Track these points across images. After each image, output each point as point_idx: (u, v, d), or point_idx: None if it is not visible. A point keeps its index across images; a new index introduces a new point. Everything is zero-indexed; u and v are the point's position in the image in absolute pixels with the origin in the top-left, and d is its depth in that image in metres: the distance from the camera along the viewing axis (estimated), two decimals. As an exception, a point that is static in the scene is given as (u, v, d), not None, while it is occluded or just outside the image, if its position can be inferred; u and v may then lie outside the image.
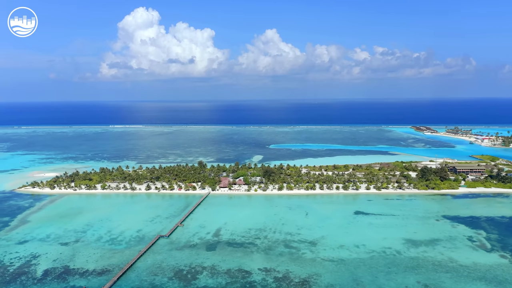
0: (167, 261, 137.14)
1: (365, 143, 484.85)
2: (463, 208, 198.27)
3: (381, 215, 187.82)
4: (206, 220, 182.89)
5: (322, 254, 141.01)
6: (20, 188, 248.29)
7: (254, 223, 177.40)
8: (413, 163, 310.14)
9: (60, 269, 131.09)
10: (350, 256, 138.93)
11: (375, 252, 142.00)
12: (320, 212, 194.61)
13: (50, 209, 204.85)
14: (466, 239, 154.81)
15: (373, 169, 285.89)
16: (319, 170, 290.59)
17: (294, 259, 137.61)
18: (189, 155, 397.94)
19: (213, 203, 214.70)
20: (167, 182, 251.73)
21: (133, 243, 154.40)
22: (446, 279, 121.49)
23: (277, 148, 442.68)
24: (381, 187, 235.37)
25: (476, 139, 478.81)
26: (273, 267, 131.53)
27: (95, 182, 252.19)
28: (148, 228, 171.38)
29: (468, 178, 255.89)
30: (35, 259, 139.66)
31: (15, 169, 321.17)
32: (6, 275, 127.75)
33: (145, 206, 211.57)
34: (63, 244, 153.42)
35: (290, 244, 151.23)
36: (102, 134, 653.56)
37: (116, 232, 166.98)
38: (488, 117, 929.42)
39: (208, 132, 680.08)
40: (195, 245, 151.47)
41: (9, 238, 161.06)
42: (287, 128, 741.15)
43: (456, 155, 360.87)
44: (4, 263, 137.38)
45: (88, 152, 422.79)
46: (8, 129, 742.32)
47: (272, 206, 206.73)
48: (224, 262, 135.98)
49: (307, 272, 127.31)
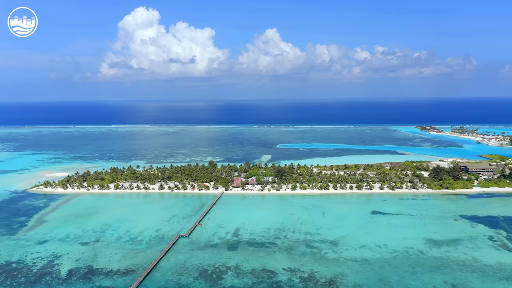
0: (190, 261, 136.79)
1: (371, 142, 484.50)
2: (480, 208, 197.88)
3: (398, 214, 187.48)
4: (224, 220, 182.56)
5: (345, 254, 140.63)
6: (33, 188, 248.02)
7: (272, 223, 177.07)
8: (423, 163, 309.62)
9: (84, 269, 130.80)
10: (373, 256, 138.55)
11: (397, 252, 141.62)
12: (337, 211, 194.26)
13: (65, 209, 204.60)
14: (487, 239, 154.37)
15: (385, 168, 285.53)
16: (330, 169, 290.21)
17: (317, 259, 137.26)
18: (197, 154, 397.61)
19: (228, 203, 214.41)
20: (179, 182, 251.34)
21: (153, 242, 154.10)
22: (473, 279, 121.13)
23: (284, 148, 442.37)
24: (394, 186, 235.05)
25: (483, 139, 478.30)
26: (297, 267, 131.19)
27: (108, 182, 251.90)
28: (167, 228, 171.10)
29: (480, 178, 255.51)
30: (58, 259, 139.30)
31: (24, 169, 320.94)
32: (31, 275, 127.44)
33: (160, 206, 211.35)
34: (83, 244, 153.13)
35: (311, 244, 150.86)
36: (107, 134, 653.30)
37: (135, 232, 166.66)
38: (492, 117, 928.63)
39: (212, 131, 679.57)
40: (216, 245, 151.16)
41: (28, 238, 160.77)
42: (291, 127, 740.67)
43: (465, 155, 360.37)
44: (26, 263, 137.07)
45: (96, 152, 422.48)
46: (12, 129, 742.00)
47: (288, 206, 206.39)
48: (247, 262, 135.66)
49: (332, 272, 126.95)
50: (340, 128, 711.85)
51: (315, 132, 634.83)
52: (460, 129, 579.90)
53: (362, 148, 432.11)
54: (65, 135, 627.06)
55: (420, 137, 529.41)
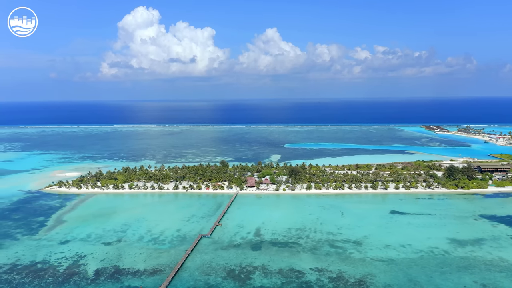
0: (216, 261, 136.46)
1: (379, 142, 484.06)
2: (498, 207, 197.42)
3: (417, 214, 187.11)
4: (243, 219, 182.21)
5: (370, 254, 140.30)
6: (47, 188, 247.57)
7: (292, 222, 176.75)
8: (435, 162, 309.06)
9: (110, 269, 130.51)
10: (399, 256, 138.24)
11: (423, 252, 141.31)
12: (355, 211, 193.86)
13: (82, 208, 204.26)
14: (510, 239, 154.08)
15: (397, 168, 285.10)
16: (342, 169, 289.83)
17: (343, 259, 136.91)
18: (206, 154, 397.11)
19: (244, 203, 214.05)
20: (193, 182, 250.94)
21: (176, 242, 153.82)
22: (502, 279, 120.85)
23: (293, 148, 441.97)
24: (410, 186, 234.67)
25: (490, 138, 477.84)
26: (324, 267, 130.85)
27: (121, 182, 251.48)
28: (187, 228, 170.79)
29: (494, 178, 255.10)
30: (82, 259, 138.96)
31: (35, 169, 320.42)
32: (58, 275, 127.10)
33: (177, 206, 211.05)
34: (106, 244, 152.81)
35: (334, 244, 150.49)
36: (112, 133, 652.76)
37: (156, 231, 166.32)
38: (495, 116, 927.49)
39: (218, 131, 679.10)
40: (239, 245, 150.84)
41: (50, 238, 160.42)
42: (296, 127, 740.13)
43: (474, 154, 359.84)
44: (52, 263, 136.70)
45: (104, 151, 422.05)
46: (16, 129, 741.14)
47: (305, 206, 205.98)
48: (273, 262, 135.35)
49: (360, 272, 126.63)
50: (345, 127, 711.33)
51: (321, 132, 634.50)
52: (466, 129, 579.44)
53: (370, 147, 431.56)
54: (70, 135, 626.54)
55: (427, 137, 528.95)
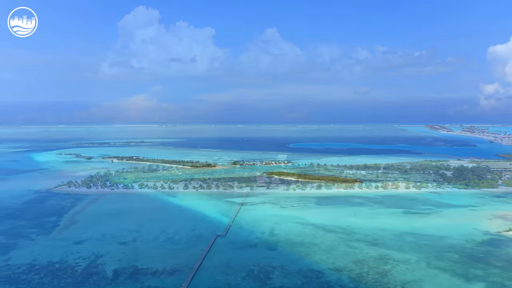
0: (234, 260, 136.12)
1: (384, 142, 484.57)
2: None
3: (431, 214, 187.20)
4: (256, 219, 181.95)
5: (387, 253, 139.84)
6: (56, 188, 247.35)
7: (305, 222, 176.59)
8: (443, 162, 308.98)
9: (129, 269, 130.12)
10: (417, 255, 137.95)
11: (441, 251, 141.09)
12: (367, 211, 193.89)
13: (94, 208, 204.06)
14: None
15: (406, 168, 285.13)
16: (350, 169, 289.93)
17: (361, 259, 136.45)
18: (212, 154, 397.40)
19: (255, 202, 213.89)
20: (203, 181, 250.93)
21: (192, 242, 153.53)
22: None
23: (298, 147, 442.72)
24: (420, 186, 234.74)
25: (496, 138, 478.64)
26: (342, 266, 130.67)
27: (130, 181, 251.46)
28: (202, 227, 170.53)
29: (504, 177, 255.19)
30: (100, 259, 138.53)
31: (42, 169, 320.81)
32: (77, 275, 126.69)
33: (188, 205, 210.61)
34: (122, 244, 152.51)
35: (350, 244, 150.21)
36: (116, 133, 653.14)
37: (170, 231, 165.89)
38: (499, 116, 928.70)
39: (220, 131, 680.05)
40: (255, 245, 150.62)
41: (64, 238, 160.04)
42: (299, 126, 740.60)
43: (481, 154, 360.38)
44: (69, 263, 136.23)
45: (109, 152, 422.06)
46: (19, 129, 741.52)
47: (317, 205, 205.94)
48: (291, 261, 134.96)
49: (379, 271, 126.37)
50: (348, 127, 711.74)
51: (325, 131, 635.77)
52: (470, 128, 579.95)
53: (376, 147, 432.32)
54: (74, 135, 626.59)
55: (431, 136, 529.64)
